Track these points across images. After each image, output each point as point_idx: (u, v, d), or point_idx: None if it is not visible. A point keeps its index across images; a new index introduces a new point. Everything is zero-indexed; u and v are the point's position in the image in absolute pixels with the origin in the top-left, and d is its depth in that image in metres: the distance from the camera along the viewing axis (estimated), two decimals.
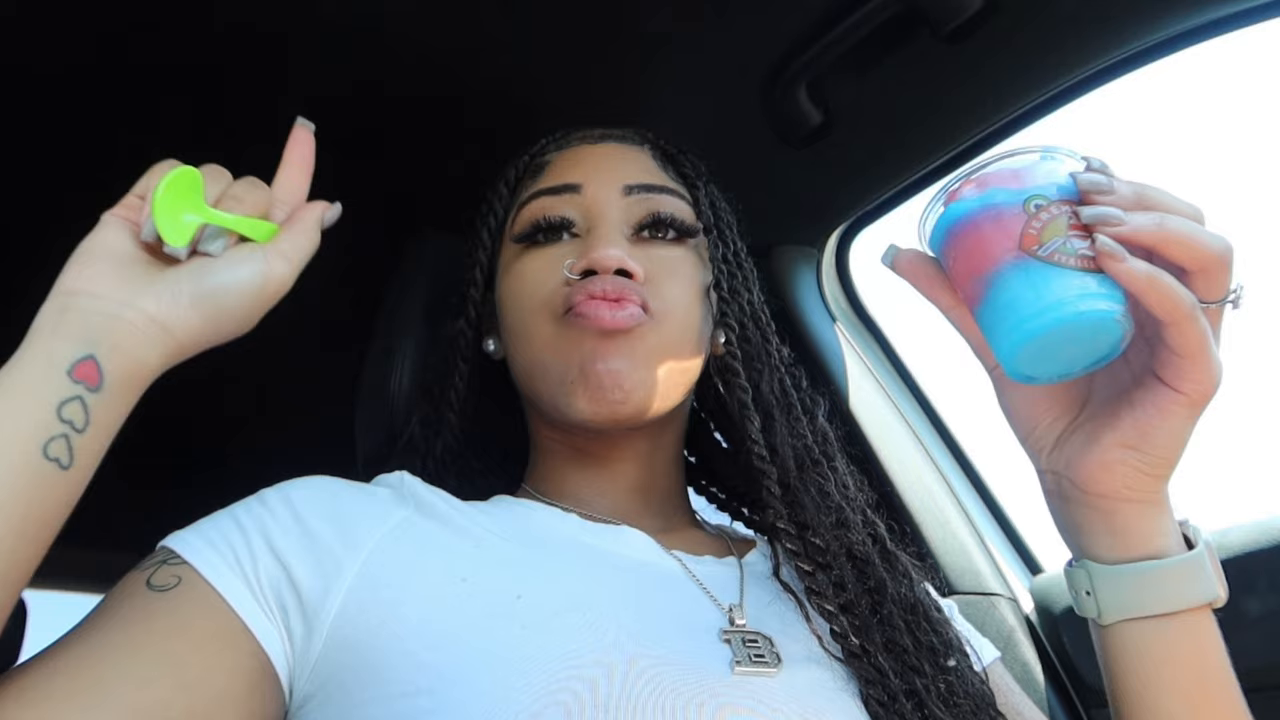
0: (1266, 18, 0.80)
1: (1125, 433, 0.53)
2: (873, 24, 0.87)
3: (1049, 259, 0.48)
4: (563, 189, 0.72)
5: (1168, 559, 0.54)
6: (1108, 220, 0.48)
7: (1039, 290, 0.48)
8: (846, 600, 0.61)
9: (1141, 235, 0.48)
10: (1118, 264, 0.47)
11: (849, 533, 0.66)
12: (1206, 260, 0.48)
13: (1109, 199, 0.49)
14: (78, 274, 0.51)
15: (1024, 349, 0.49)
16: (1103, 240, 0.47)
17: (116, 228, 0.53)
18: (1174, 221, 0.48)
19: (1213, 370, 0.50)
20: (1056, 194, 0.50)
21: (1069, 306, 0.47)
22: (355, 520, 0.60)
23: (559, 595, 0.57)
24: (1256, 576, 0.89)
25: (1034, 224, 0.49)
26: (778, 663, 0.56)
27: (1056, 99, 0.92)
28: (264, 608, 0.54)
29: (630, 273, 0.66)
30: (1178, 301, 0.47)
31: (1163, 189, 0.50)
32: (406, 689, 0.51)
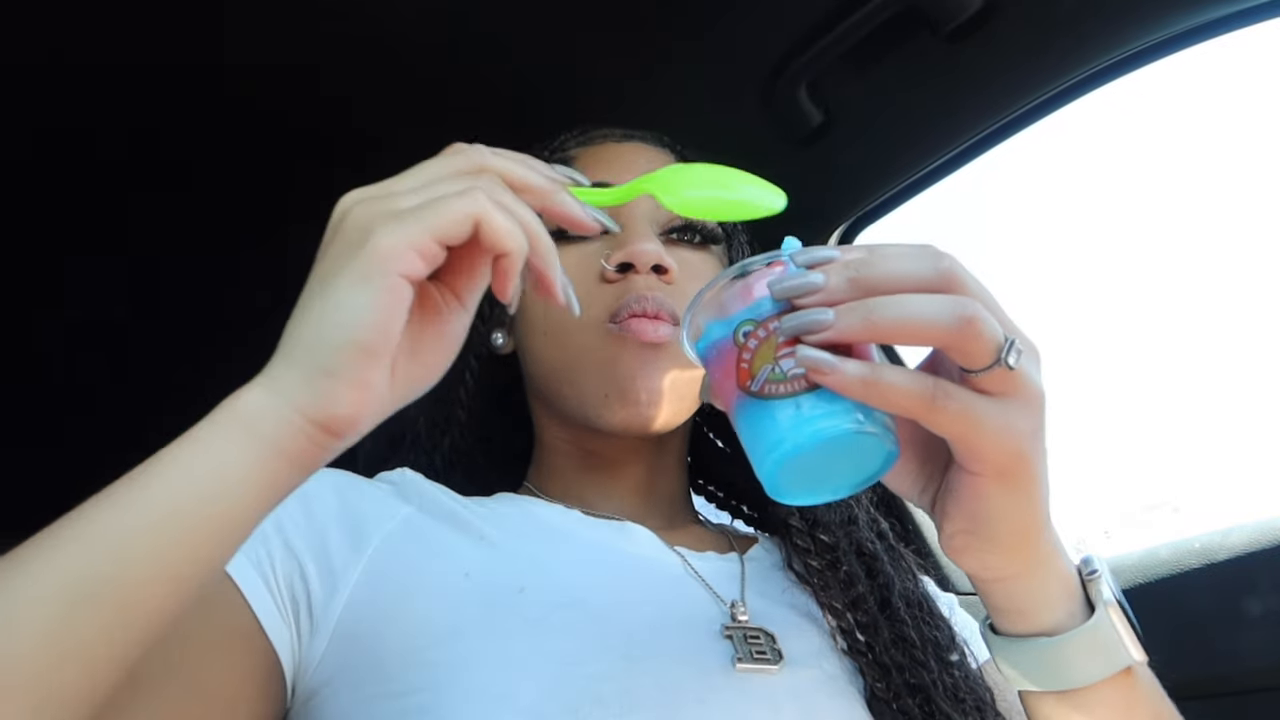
0: (1266, 18, 0.80)
1: (956, 520, 0.46)
2: (873, 24, 0.87)
3: (761, 394, 0.42)
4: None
5: (1056, 636, 0.48)
6: (808, 329, 0.41)
7: (761, 431, 0.42)
8: (855, 596, 0.62)
9: (851, 336, 0.40)
10: (825, 378, 0.40)
11: (857, 530, 0.67)
12: (941, 337, 0.40)
13: (815, 298, 0.41)
14: None
15: (773, 482, 0.43)
16: (801, 355, 0.41)
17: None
18: (887, 309, 0.40)
19: (997, 442, 0.42)
20: (767, 311, 0.43)
21: (786, 444, 0.41)
22: (361, 517, 0.60)
23: (561, 590, 0.57)
24: (1257, 576, 0.89)
25: (744, 356, 0.43)
26: (779, 659, 0.56)
27: (1056, 99, 0.92)
28: (279, 605, 0.54)
29: (665, 268, 0.67)
30: (907, 395, 0.40)
31: (888, 253, 0.42)
32: (409, 684, 0.51)
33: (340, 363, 0.39)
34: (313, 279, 0.41)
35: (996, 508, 0.45)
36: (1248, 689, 0.75)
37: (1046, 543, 0.47)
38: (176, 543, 0.38)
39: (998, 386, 0.41)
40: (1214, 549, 0.93)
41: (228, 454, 0.39)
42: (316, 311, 0.40)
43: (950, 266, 0.41)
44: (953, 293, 0.41)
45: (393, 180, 0.43)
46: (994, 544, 0.46)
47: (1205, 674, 0.88)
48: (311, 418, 0.40)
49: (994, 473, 0.44)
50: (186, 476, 0.38)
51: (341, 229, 0.41)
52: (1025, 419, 0.42)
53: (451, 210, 0.40)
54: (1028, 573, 0.48)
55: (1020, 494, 0.44)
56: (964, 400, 0.41)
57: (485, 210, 0.41)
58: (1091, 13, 0.83)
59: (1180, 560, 0.96)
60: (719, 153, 0.83)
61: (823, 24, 0.89)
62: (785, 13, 0.89)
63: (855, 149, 1.03)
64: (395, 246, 0.39)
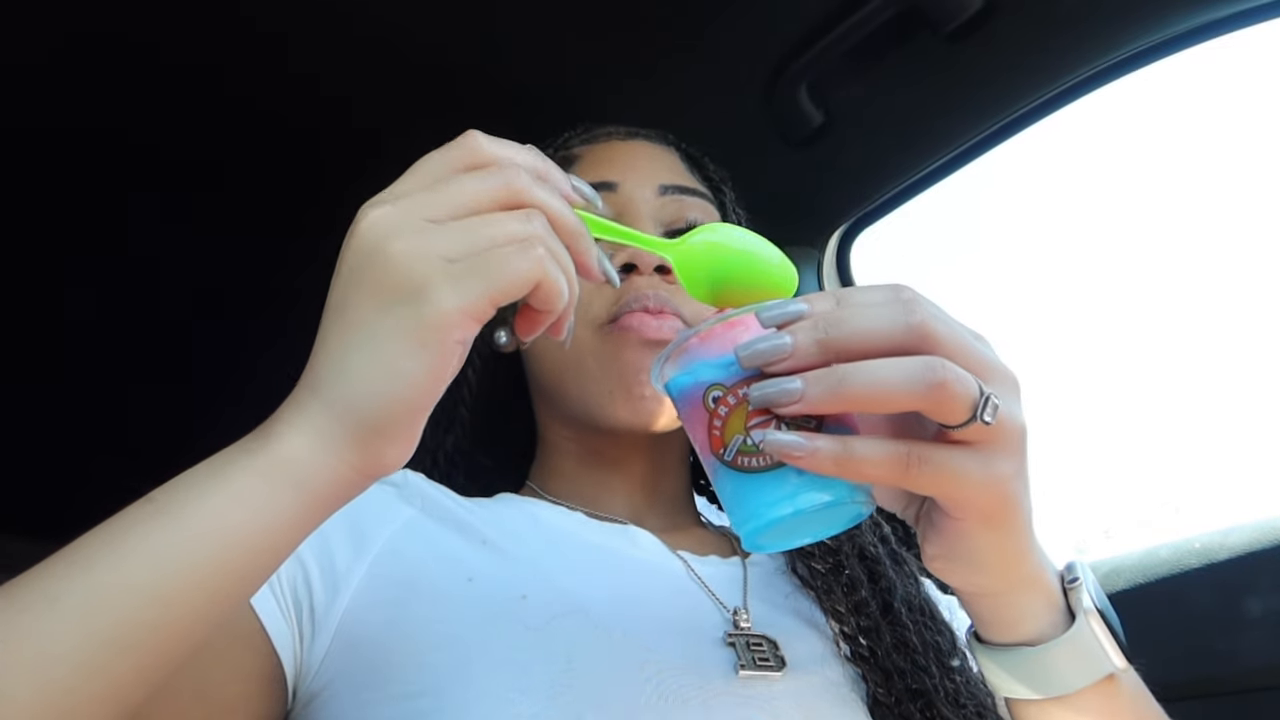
0: (1266, 18, 0.80)
1: (936, 546, 0.46)
2: (873, 24, 0.88)
3: (734, 465, 0.41)
4: (598, 186, 0.72)
5: (1038, 646, 0.48)
6: (776, 402, 0.39)
7: (737, 497, 0.42)
8: (858, 600, 0.61)
9: (821, 408, 0.39)
10: (797, 460, 0.39)
11: (860, 533, 0.66)
12: (912, 403, 0.39)
13: (784, 365, 0.40)
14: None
15: (751, 542, 0.43)
16: (770, 440, 0.39)
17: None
18: (856, 378, 0.38)
19: (980, 492, 0.41)
20: (736, 374, 0.41)
21: (761, 518, 0.41)
22: (363, 520, 0.60)
23: (564, 596, 0.57)
24: (1258, 576, 0.89)
25: (715, 423, 0.42)
26: (781, 666, 0.56)
27: (1056, 99, 0.92)
28: (282, 608, 0.54)
29: (669, 268, 0.66)
30: (881, 467, 0.39)
31: (856, 305, 0.40)
32: (409, 689, 0.51)
33: (395, 425, 0.39)
34: (348, 313, 0.39)
35: (978, 545, 0.45)
36: (1248, 689, 0.75)
37: (1032, 563, 0.47)
38: (222, 591, 0.38)
39: (976, 438, 0.41)
40: (1214, 549, 0.93)
41: (284, 509, 0.39)
42: (365, 368, 0.38)
43: (922, 320, 0.40)
44: (924, 349, 0.39)
45: (424, 194, 0.40)
46: (975, 568, 0.46)
47: (1205, 674, 0.88)
48: (362, 471, 0.40)
49: (977, 519, 0.43)
50: (244, 529, 0.38)
51: (385, 267, 0.38)
52: (1006, 463, 0.42)
53: (516, 273, 0.38)
54: (1010, 590, 0.48)
55: (1003, 531, 0.44)
56: (940, 459, 0.40)
57: (546, 274, 0.39)
58: (1091, 13, 0.83)
59: (1180, 560, 0.96)
60: (721, 152, 0.83)
61: (823, 24, 0.89)
62: (785, 13, 0.89)
63: (855, 149, 1.03)
64: (456, 315, 0.37)
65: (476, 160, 0.41)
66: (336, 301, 0.39)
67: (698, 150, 0.81)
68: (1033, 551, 0.47)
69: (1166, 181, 32.69)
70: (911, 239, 1.37)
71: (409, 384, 0.38)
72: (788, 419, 0.40)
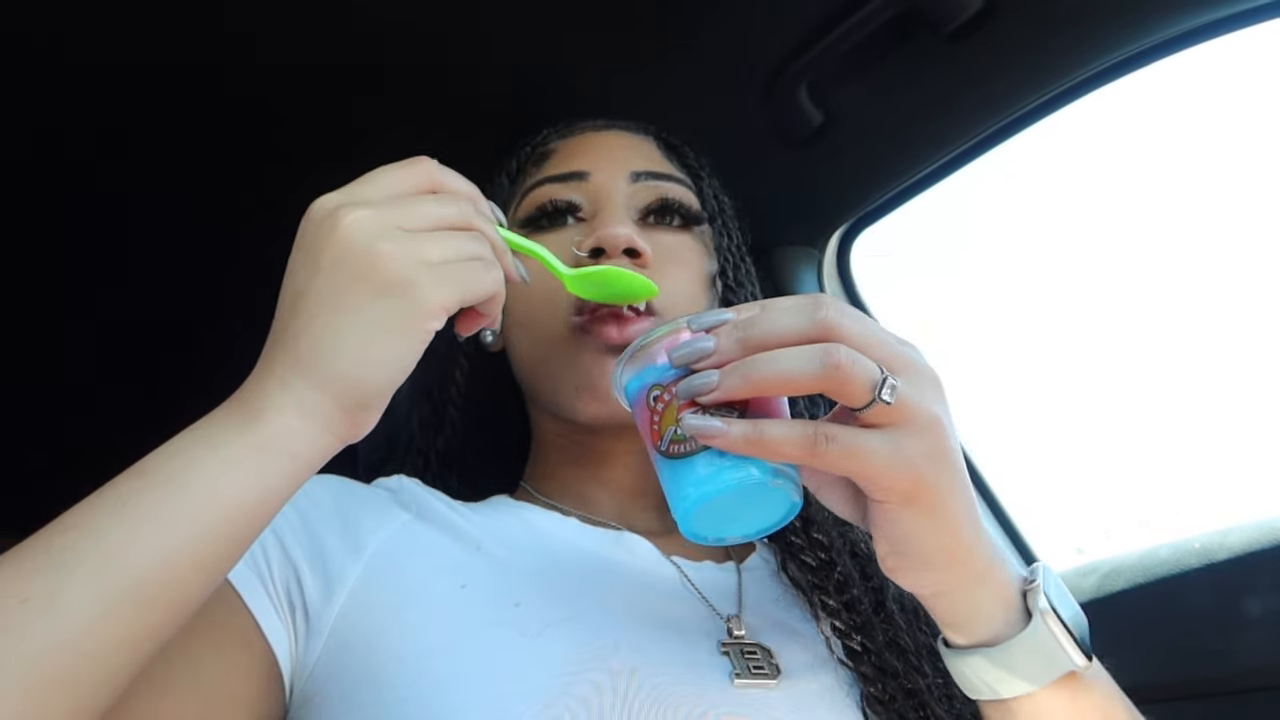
0: (1266, 18, 0.80)
1: (882, 543, 0.48)
2: (873, 25, 0.88)
3: (668, 454, 0.46)
4: (570, 176, 0.72)
5: (996, 646, 0.50)
6: (697, 392, 0.45)
7: (670, 484, 0.47)
8: (850, 598, 0.61)
9: (735, 394, 0.44)
10: (713, 440, 0.44)
11: (851, 529, 0.66)
12: (813, 384, 0.43)
13: (708, 361, 0.45)
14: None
15: (686, 527, 0.48)
16: (686, 423, 0.45)
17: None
18: (762, 365, 0.43)
19: (891, 472, 0.44)
20: (671, 375, 0.47)
21: (690, 498, 0.46)
22: (357, 523, 0.60)
23: (558, 603, 0.57)
24: (1257, 576, 0.90)
25: (655, 419, 0.47)
26: (777, 674, 0.56)
27: (1056, 99, 0.92)
28: (276, 607, 0.55)
29: (638, 251, 0.66)
30: (790, 445, 0.43)
31: (776, 308, 0.45)
32: (401, 695, 0.51)
33: (378, 399, 0.46)
34: (338, 300, 0.45)
35: (911, 530, 0.47)
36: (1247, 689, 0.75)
37: (980, 558, 0.48)
38: (225, 553, 0.43)
39: (882, 419, 0.44)
40: (1214, 549, 0.93)
41: (276, 476, 0.44)
42: (359, 349, 0.44)
43: (826, 316, 0.44)
44: (828, 339, 0.43)
45: (395, 207, 0.47)
46: (922, 563, 0.48)
47: (1205, 674, 0.88)
48: (343, 438, 0.46)
49: (898, 500, 0.45)
50: (240, 496, 0.43)
51: (376, 264, 0.45)
52: (917, 445, 0.44)
53: (483, 285, 0.48)
54: (962, 587, 0.49)
55: (932, 516, 0.46)
56: (846, 439, 0.43)
57: (501, 290, 0.50)
58: (1091, 13, 0.83)
59: (1180, 560, 0.96)
60: (720, 153, 0.83)
61: (823, 25, 0.89)
62: (785, 13, 0.89)
63: (855, 150, 1.03)
64: (438, 307, 0.45)
65: (432, 184, 0.49)
66: (321, 289, 0.45)
67: (678, 138, 0.80)
68: (979, 547, 0.48)
69: (1166, 181, 31.66)
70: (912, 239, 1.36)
71: (396, 363, 0.45)
72: (711, 409, 0.45)
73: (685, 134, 0.82)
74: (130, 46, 0.85)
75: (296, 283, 0.46)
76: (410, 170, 0.49)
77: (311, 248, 0.45)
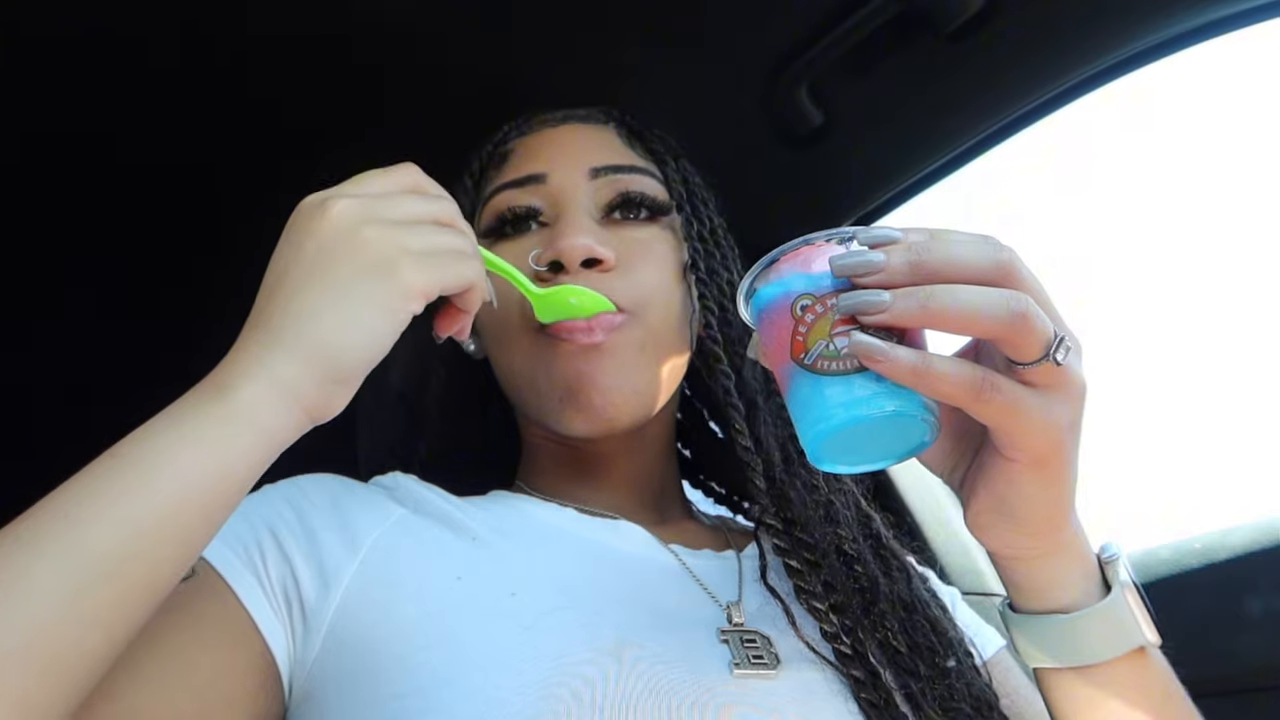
0: (1266, 18, 0.80)
1: (984, 499, 0.48)
2: (874, 24, 0.87)
3: (814, 368, 0.44)
4: (526, 180, 0.70)
5: (1073, 613, 0.50)
6: (863, 310, 0.42)
7: (810, 401, 0.44)
8: (837, 600, 0.60)
9: (905, 320, 0.42)
10: (876, 364, 0.41)
11: (838, 528, 0.65)
12: (993, 329, 0.41)
13: (874, 278, 0.42)
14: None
15: (815, 451, 0.46)
16: (855, 340, 0.42)
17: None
18: (943, 296, 0.41)
19: (1038, 433, 0.44)
20: (826, 286, 0.45)
21: (833, 419, 0.43)
22: (354, 520, 0.60)
23: (554, 592, 0.57)
24: (1257, 576, 0.89)
25: (800, 329, 0.45)
26: (777, 663, 0.56)
27: (1056, 99, 0.92)
28: (272, 604, 0.55)
29: (600, 259, 0.65)
30: (956, 385, 0.41)
31: (949, 239, 0.43)
32: (400, 689, 0.51)
33: (353, 374, 0.47)
34: (322, 278, 0.46)
35: (1026, 493, 0.47)
36: (1248, 689, 0.75)
37: (1070, 526, 0.49)
38: (191, 526, 0.42)
39: (1043, 380, 0.43)
40: (1214, 549, 0.93)
41: (239, 448, 0.44)
42: (331, 322, 0.45)
43: (1009, 259, 0.42)
44: (1009, 286, 0.42)
45: (379, 198, 0.49)
46: (1020, 525, 0.48)
47: (1205, 674, 0.88)
48: (313, 414, 0.46)
49: (1029, 461, 0.45)
50: (202, 467, 0.42)
51: (360, 246, 0.46)
52: (1066, 411, 0.44)
53: (462, 274, 0.50)
54: (1050, 554, 0.50)
55: (1052, 482, 0.46)
56: (1010, 392, 0.42)
57: (480, 282, 0.52)
58: (1092, 13, 0.83)
59: (1180, 560, 0.96)
60: (720, 153, 0.83)
61: (823, 24, 0.89)
62: (785, 13, 0.89)
63: (856, 150, 1.03)
64: (418, 290, 0.47)
65: (415, 187, 0.51)
66: (304, 270, 0.46)
67: (640, 122, 0.77)
68: (1073, 516, 0.49)
69: (1166, 181, 31.93)
70: None
71: (375, 340, 0.46)
72: (870, 330, 0.43)
73: (685, 134, 0.82)
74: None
75: (279, 267, 0.47)
76: (395, 172, 0.51)
77: (297, 235, 0.47)
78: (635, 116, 0.78)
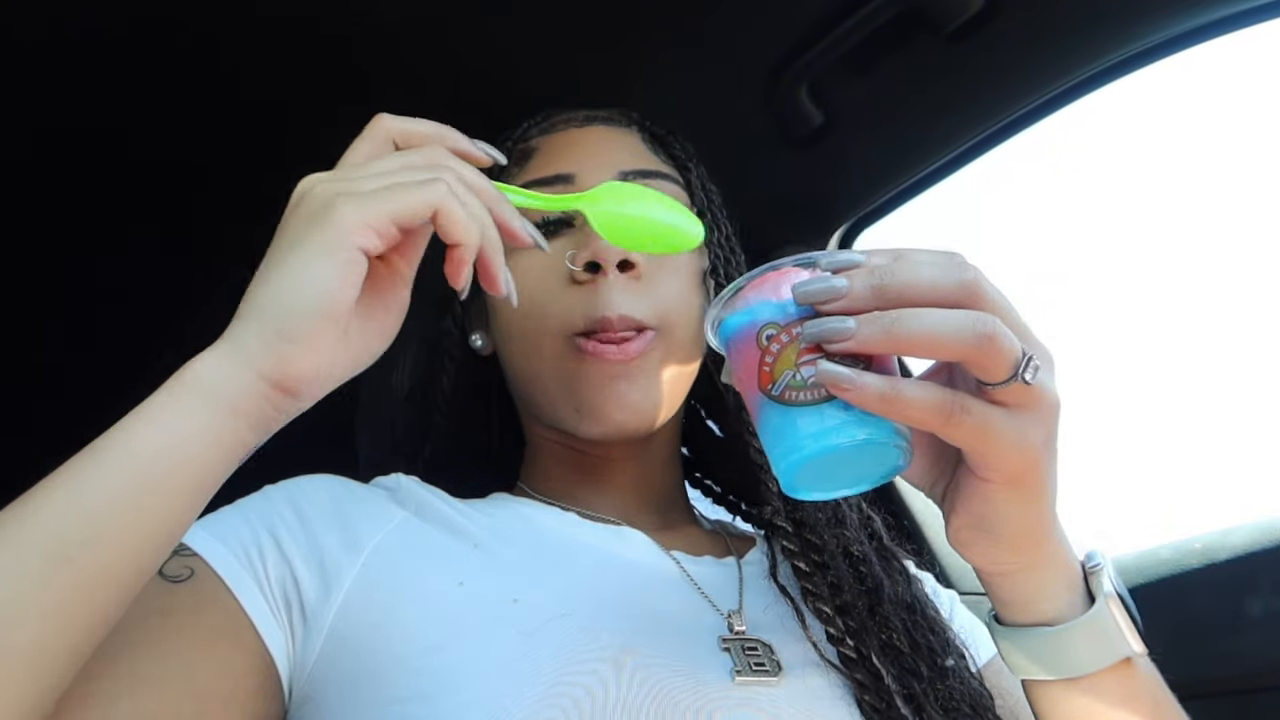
0: (1266, 18, 0.80)
1: (963, 517, 0.48)
2: (874, 24, 0.87)
3: (782, 399, 0.43)
4: (555, 179, 0.70)
5: (1057, 626, 0.50)
6: (828, 338, 0.41)
7: (781, 432, 0.43)
8: (843, 602, 0.60)
9: (870, 347, 0.41)
10: (844, 393, 0.41)
11: (845, 530, 0.65)
12: (959, 352, 0.40)
13: (838, 304, 0.42)
14: None
15: (789, 481, 0.45)
16: (822, 370, 0.41)
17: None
18: (908, 321, 0.40)
19: (1011, 454, 0.43)
20: (791, 314, 0.44)
21: (804, 450, 0.42)
22: (356, 522, 0.60)
23: (556, 599, 0.57)
24: (1258, 576, 0.89)
25: (766, 360, 0.44)
26: (778, 671, 0.56)
27: (1056, 99, 0.92)
28: (271, 606, 0.54)
29: (632, 264, 0.65)
30: (925, 410, 0.41)
31: (913, 260, 0.42)
32: (401, 694, 0.50)
33: (299, 327, 0.43)
34: (272, 250, 0.45)
35: (1004, 511, 0.46)
36: (1248, 689, 0.75)
37: (1052, 539, 0.49)
38: (147, 506, 0.40)
39: (1014, 399, 0.42)
40: (1214, 549, 0.93)
41: (191, 419, 0.42)
42: (276, 279, 0.43)
43: (974, 279, 0.42)
44: (974, 306, 0.41)
45: (351, 166, 0.47)
46: (1000, 541, 0.47)
47: (1205, 674, 0.88)
48: (268, 378, 0.43)
49: (1004, 480, 0.45)
50: (153, 442, 0.41)
51: (303, 204, 0.45)
52: (1039, 429, 0.43)
53: (413, 197, 0.44)
54: (1032, 567, 0.49)
55: (1029, 499, 0.45)
56: (980, 414, 0.41)
57: (445, 201, 0.45)
58: (1092, 13, 0.83)
59: (1180, 560, 0.96)
60: (720, 153, 0.83)
61: (823, 25, 0.89)
62: (785, 13, 0.89)
63: (856, 150, 1.03)
64: (357, 223, 0.43)
65: (391, 141, 0.48)
66: (273, 245, 0.45)
67: (661, 128, 0.78)
68: (1055, 530, 0.48)
69: (1167, 181, 31.26)
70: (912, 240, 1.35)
71: (315, 288, 0.42)
72: (836, 358, 0.42)
73: (685, 134, 0.82)
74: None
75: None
76: (366, 136, 0.49)
77: (280, 225, 0.46)
78: (654, 122, 0.78)
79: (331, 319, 0.43)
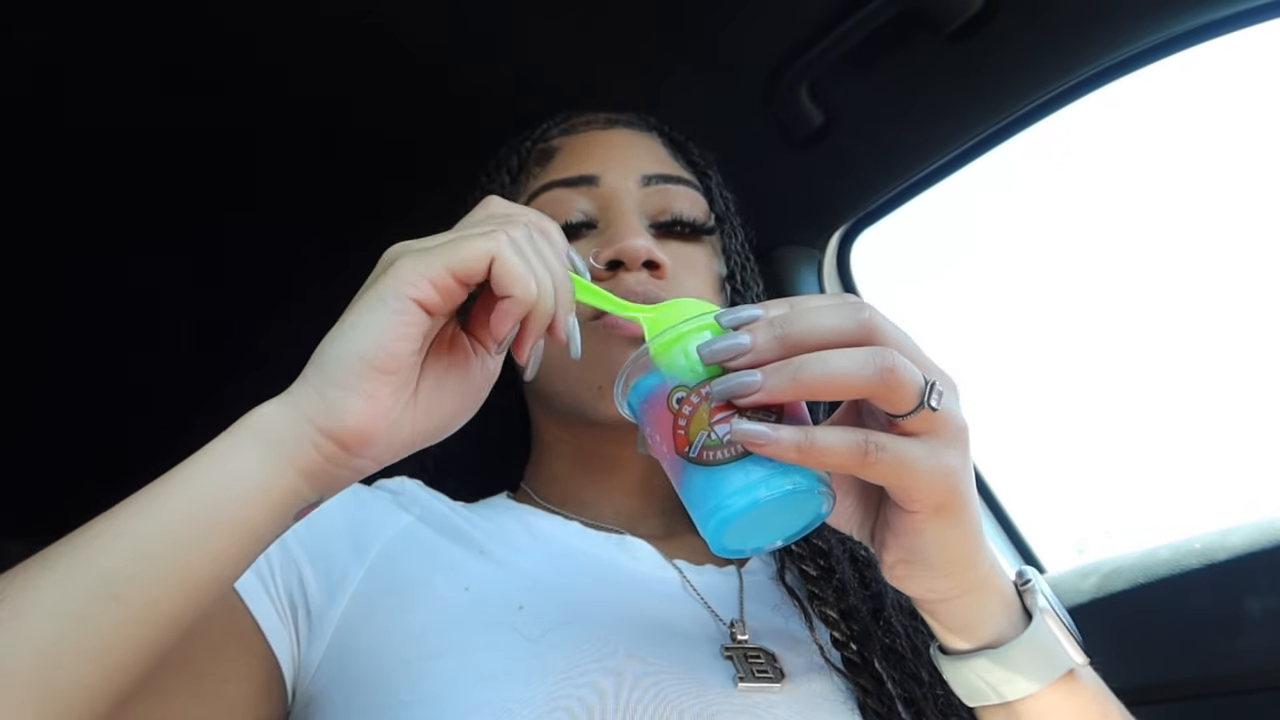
0: (1266, 18, 0.80)
1: (895, 552, 0.48)
2: (874, 25, 0.88)
3: (700, 460, 0.43)
4: (579, 180, 0.70)
5: (999, 648, 0.50)
6: (738, 393, 0.42)
7: (705, 492, 0.43)
8: (848, 606, 0.61)
9: (780, 396, 0.41)
10: (760, 448, 0.41)
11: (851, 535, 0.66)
12: (864, 388, 0.41)
13: (744, 359, 0.42)
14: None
15: (717, 540, 0.44)
16: (737, 428, 0.42)
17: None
18: (813, 365, 0.41)
19: (930, 482, 0.43)
20: (700, 374, 0.44)
21: (727, 509, 0.42)
22: (360, 526, 0.60)
23: (560, 607, 0.57)
24: (1257, 576, 0.90)
25: (680, 422, 0.44)
26: (781, 678, 0.56)
27: (1056, 99, 0.92)
28: (277, 608, 0.54)
29: (658, 263, 0.65)
30: (840, 454, 0.41)
31: (810, 306, 0.43)
32: (405, 698, 0.51)
33: (348, 375, 0.43)
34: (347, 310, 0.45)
35: (934, 539, 0.46)
36: (1248, 689, 0.75)
37: (984, 561, 0.49)
38: (196, 547, 0.40)
39: (924, 427, 0.43)
40: (1214, 549, 0.93)
41: (244, 462, 0.42)
42: (334, 332, 0.44)
43: (870, 317, 0.43)
44: (872, 343, 0.42)
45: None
46: (934, 570, 0.48)
47: (1205, 674, 0.88)
48: (320, 426, 0.43)
49: (929, 509, 0.45)
50: (205, 483, 0.41)
51: (378, 267, 0.46)
52: (953, 453, 0.44)
53: (469, 247, 0.44)
54: (967, 592, 0.49)
55: (955, 523, 0.46)
56: (894, 448, 0.42)
57: (501, 250, 0.44)
58: (1092, 13, 0.83)
59: (1180, 560, 0.96)
60: (721, 153, 0.83)
61: (823, 25, 0.89)
62: (786, 14, 0.89)
63: (856, 150, 1.03)
64: (410, 274, 0.43)
65: (494, 218, 0.48)
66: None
67: (681, 134, 0.78)
68: (984, 553, 0.49)
69: (1166, 181, 31.23)
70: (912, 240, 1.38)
71: (363, 335, 0.43)
72: (749, 412, 0.42)
73: (685, 134, 0.82)
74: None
75: None
76: (475, 213, 0.50)
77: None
78: (674, 128, 0.79)
79: (381, 370, 0.43)
